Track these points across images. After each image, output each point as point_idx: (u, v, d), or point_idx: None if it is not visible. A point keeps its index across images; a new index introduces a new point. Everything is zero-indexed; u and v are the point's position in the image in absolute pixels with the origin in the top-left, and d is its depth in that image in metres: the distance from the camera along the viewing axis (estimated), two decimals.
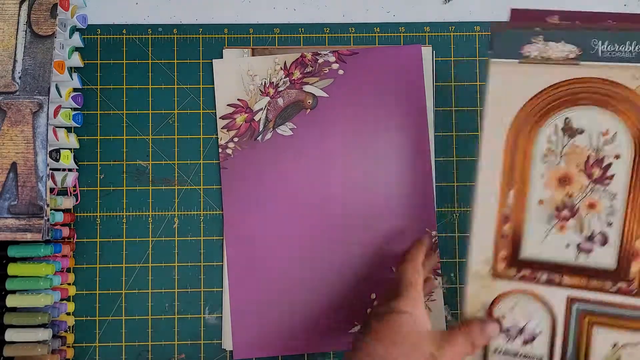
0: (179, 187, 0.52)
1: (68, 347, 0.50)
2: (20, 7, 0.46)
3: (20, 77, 0.45)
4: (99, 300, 0.51)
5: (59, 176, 0.49)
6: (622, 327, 0.38)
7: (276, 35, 0.53)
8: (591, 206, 0.38)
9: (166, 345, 0.51)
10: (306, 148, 0.52)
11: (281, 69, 0.53)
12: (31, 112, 0.45)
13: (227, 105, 0.52)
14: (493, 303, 0.40)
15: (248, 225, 0.51)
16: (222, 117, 0.52)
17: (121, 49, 0.53)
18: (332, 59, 0.52)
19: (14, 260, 0.46)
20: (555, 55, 0.38)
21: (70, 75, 0.50)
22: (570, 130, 0.38)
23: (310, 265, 0.51)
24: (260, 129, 0.52)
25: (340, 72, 0.52)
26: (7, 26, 0.46)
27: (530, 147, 0.39)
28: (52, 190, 0.50)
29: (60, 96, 0.48)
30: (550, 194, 0.39)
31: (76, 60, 0.51)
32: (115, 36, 0.53)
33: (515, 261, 0.40)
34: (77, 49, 0.52)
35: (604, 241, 0.38)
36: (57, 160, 0.48)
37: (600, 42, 0.37)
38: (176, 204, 0.52)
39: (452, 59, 0.53)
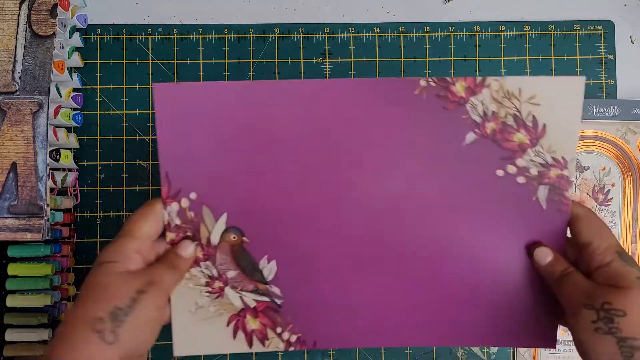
0: None
1: None
2: (20, 7, 0.46)
3: (20, 77, 0.45)
4: None
5: (59, 176, 0.49)
6: None
7: (276, 35, 0.53)
8: None
9: (166, 346, 0.51)
10: None
11: None
12: (31, 112, 0.45)
13: None
14: None
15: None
16: None
17: (121, 49, 0.53)
18: None
19: (14, 260, 0.46)
20: None
21: (70, 75, 0.50)
22: (580, 168, 0.52)
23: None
24: None
25: None
26: (7, 26, 0.46)
27: None
28: (52, 190, 0.50)
29: (60, 96, 0.48)
30: None
31: (76, 60, 0.51)
32: (115, 36, 0.53)
33: None
34: (77, 49, 0.52)
35: None
36: (57, 160, 0.48)
37: (594, 106, 0.52)
38: None
39: (452, 59, 0.53)
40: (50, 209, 0.47)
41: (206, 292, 0.39)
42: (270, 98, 0.38)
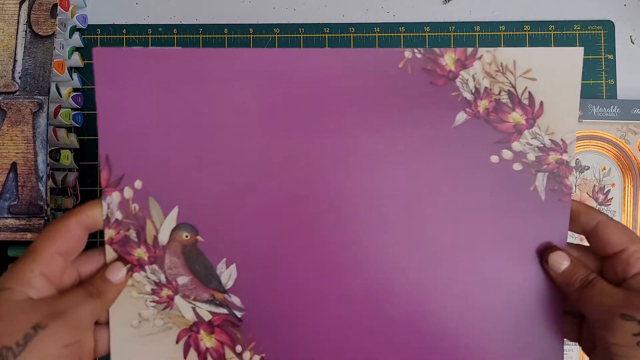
0: None
1: None
2: (20, 7, 0.46)
3: (20, 77, 0.45)
4: None
5: (59, 176, 0.49)
6: None
7: (276, 35, 0.53)
8: None
9: None
10: None
11: None
12: (31, 112, 0.45)
13: None
14: None
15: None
16: None
17: None
18: None
19: (14, 260, 0.46)
20: None
21: (70, 75, 0.50)
22: (580, 168, 0.52)
23: None
24: None
25: None
26: (7, 26, 0.46)
27: None
28: (52, 190, 0.50)
29: (60, 96, 0.48)
30: None
31: (76, 60, 0.51)
32: (115, 36, 0.53)
33: None
34: (77, 49, 0.52)
35: None
36: (57, 160, 0.48)
37: (594, 106, 0.51)
38: None
39: None
40: (51, 209, 0.47)
41: (152, 301, 0.33)
42: (232, 70, 0.32)
